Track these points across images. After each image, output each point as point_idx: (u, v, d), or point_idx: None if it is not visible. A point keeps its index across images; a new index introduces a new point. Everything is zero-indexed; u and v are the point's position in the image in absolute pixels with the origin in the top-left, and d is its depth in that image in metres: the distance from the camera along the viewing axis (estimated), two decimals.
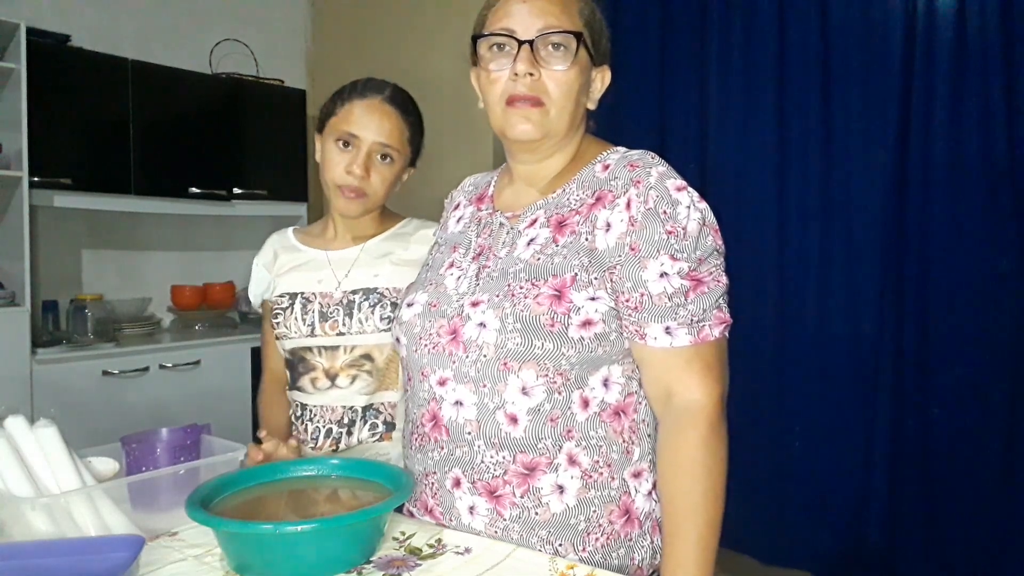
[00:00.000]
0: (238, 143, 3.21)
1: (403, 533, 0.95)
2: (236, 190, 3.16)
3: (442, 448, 0.97)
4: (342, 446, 1.28)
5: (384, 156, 1.29)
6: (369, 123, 1.27)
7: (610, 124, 1.11)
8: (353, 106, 1.29)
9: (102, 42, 2.89)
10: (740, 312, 2.68)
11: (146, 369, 2.71)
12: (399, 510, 1.03)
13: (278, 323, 1.33)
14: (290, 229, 1.46)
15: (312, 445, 1.29)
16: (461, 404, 0.94)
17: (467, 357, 0.93)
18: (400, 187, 1.39)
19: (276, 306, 1.34)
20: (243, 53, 3.43)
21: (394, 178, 1.32)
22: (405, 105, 1.33)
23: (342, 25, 3.69)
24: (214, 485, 0.93)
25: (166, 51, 3.11)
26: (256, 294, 1.45)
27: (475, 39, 1.01)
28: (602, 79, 1.04)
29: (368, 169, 1.28)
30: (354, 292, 1.30)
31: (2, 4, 2.57)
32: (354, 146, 1.27)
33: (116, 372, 2.63)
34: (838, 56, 2.80)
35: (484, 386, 0.93)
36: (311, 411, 1.30)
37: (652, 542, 0.97)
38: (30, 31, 2.53)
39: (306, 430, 1.30)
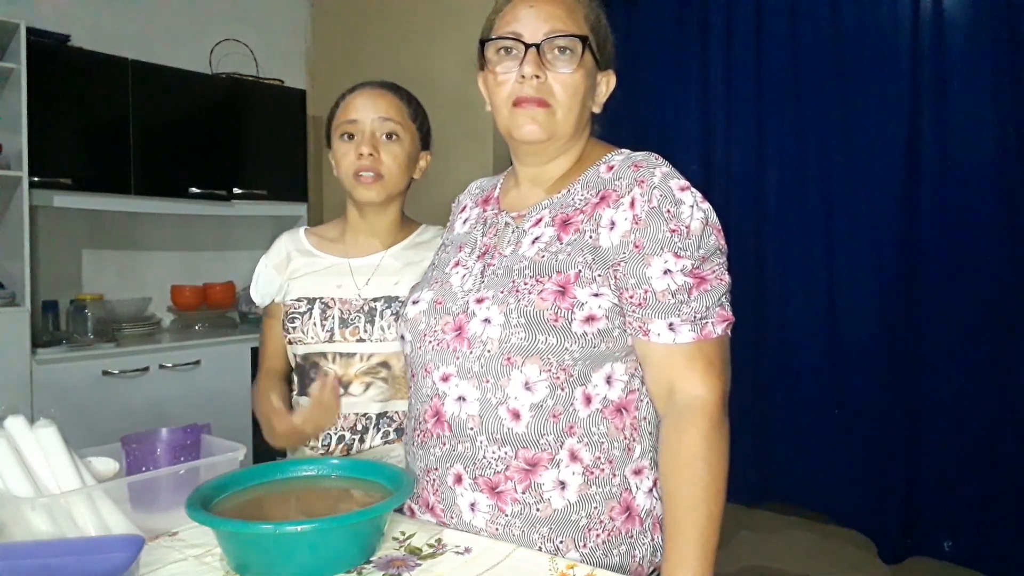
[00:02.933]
0: (238, 143, 3.21)
1: (403, 533, 0.95)
2: (236, 190, 3.16)
3: (444, 444, 0.97)
4: (354, 451, 1.27)
5: (389, 135, 1.30)
6: (365, 104, 1.30)
7: (615, 127, 1.13)
8: (348, 101, 1.33)
9: (102, 42, 2.89)
10: (775, 301, 2.89)
11: (146, 369, 2.71)
12: (399, 509, 1.03)
13: (294, 328, 1.31)
14: (301, 231, 1.44)
15: (323, 452, 1.28)
16: (464, 400, 0.95)
17: (471, 353, 0.94)
18: (421, 176, 1.39)
19: (292, 310, 1.32)
20: (243, 53, 3.43)
21: (405, 157, 1.32)
22: (398, 89, 1.36)
23: (342, 25, 3.69)
24: (214, 485, 0.93)
25: (166, 51, 3.11)
26: (264, 294, 1.41)
27: (483, 43, 1.02)
28: (607, 83, 1.05)
29: (376, 147, 1.29)
30: (375, 300, 1.30)
31: (2, 4, 2.57)
32: (357, 132, 1.30)
33: (116, 372, 2.63)
34: (848, 53, 2.87)
35: (487, 381, 0.93)
36: None
37: (653, 539, 0.97)
38: (30, 31, 2.53)
39: (316, 436, 1.29)
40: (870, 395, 2.83)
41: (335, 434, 1.28)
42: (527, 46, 0.96)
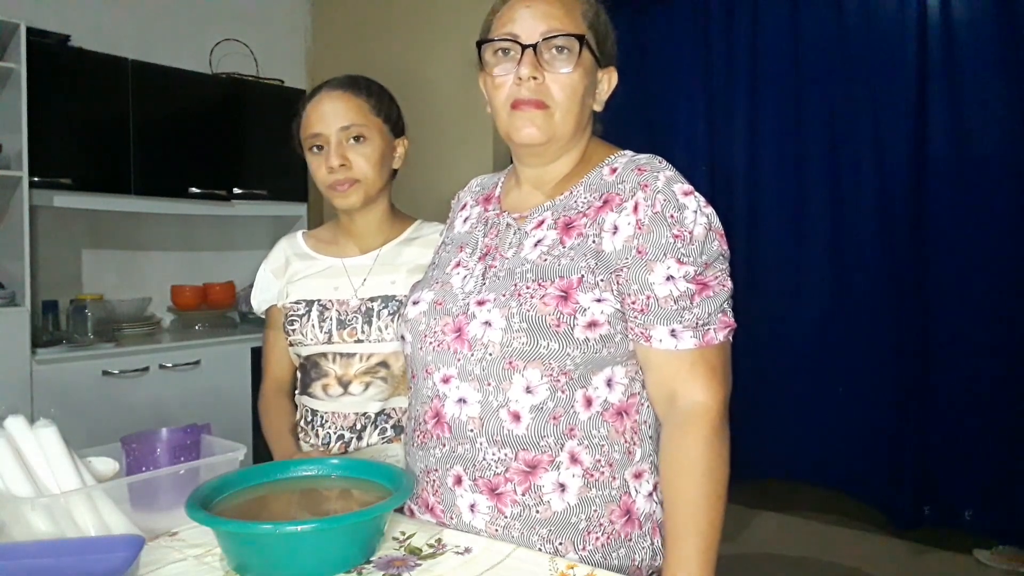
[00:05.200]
0: (238, 143, 3.21)
1: (403, 533, 0.95)
2: (236, 190, 3.16)
3: (444, 445, 0.97)
4: (351, 449, 1.28)
5: (355, 138, 1.28)
6: (324, 115, 1.28)
7: (622, 128, 1.12)
8: (309, 110, 1.31)
9: (102, 42, 2.88)
10: (785, 282, 3.07)
11: (146, 369, 2.71)
12: (400, 510, 1.03)
13: (293, 330, 1.31)
14: (299, 234, 1.45)
15: (322, 450, 1.28)
16: (464, 402, 0.95)
17: (472, 355, 0.93)
18: (401, 164, 1.37)
19: (291, 312, 1.33)
20: (243, 53, 3.43)
21: (378, 155, 1.30)
22: (355, 84, 1.32)
23: (342, 25, 3.69)
24: (214, 485, 0.93)
25: (166, 51, 3.11)
26: (261, 300, 1.42)
27: (480, 44, 1.01)
28: (609, 81, 1.04)
29: (344, 156, 1.27)
30: (372, 300, 1.30)
31: (2, 4, 2.57)
32: (323, 143, 1.28)
33: (116, 372, 2.63)
34: (853, 50, 2.91)
35: (489, 384, 0.93)
36: (322, 417, 1.30)
37: (652, 543, 0.97)
38: (30, 31, 2.53)
39: (316, 435, 1.30)
40: (882, 372, 2.90)
41: (334, 433, 1.28)
42: (524, 47, 0.95)
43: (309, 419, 1.32)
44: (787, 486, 3.19)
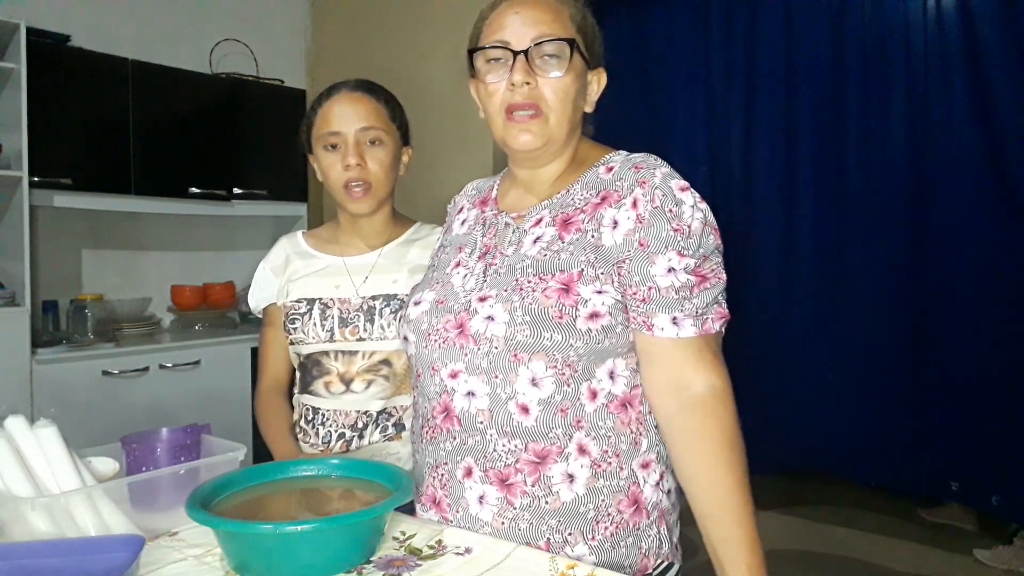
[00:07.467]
0: (238, 143, 3.21)
1: (403, 533, 0.95)
2: (236, 190, 3.16)
3: (454, 438, 0.98)
4: (353, 447, 1.28)
5: (372, 141, 1.29)
6: (344, 115, 1.29)
7: (616, 127, 1.13)
8: (326, 109, 1.31)
9: (102, 42, 2.89)
10: (797, 286, 3.17)
11: (146, 369, 2.71)
12: (400, 509, 1.03)
13: (295, 328, 1.31)
14: (299, 233, 1.45)
15: (322, 449, 1.28)
16: (473, 395, 0.96)
17: (478, 349, 0.95)
18: (405, 172, 1.38)
19: (292, 311, 1.32)
20: (243, 53, 3.43)
21: (391, 160, 1.31)
22: (372, 88, 1.33)
23: (342, 25, 3.69)
24: (214, 485, 0.93)
25: (166, 51, 3.11)
26: (260, 298, 1.41)
27: (471, 52, 1.02)
28: (598, 81, 1.06)
29: (362, 156, 1.28)
30: (374, 298, 1.30)
31: (2, 4, 2.57)
32: (340, 142, 1.28)
33: (116, 372, 2.63)
34: (854, 51, 2.92)
35: (496, 376, 0.94)
36: (323, 415, 1.29)
37: (659, 532, 0.99)
38: (30, 31, 2.53)
39: (317, 434, 1.29)
40: (898, 361, 2.94)
41: (335, 432, 1.28)
42: (515, 53, 0.97)
43: (309, 418, 1.31)
44: (794, 480, 3.20)
